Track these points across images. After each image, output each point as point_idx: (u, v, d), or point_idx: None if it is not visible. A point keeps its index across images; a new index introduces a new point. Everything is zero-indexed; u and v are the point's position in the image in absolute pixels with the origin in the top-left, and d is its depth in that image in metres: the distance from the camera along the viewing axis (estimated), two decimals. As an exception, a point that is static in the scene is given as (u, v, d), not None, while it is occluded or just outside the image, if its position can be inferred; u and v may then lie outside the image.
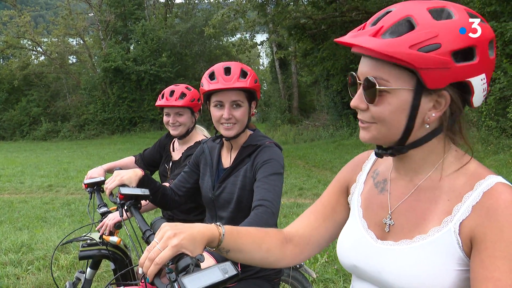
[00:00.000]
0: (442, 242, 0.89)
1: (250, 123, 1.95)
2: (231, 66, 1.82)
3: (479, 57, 0.84)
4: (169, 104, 2.54)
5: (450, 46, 0.83)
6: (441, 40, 0.82)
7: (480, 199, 0.87)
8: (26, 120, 25.89)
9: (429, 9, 0.86)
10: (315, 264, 3.83)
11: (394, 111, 0.89)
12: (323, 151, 13.41)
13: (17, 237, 5.01)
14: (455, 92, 0.87)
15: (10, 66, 26.99)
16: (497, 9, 8.96)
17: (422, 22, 0.84)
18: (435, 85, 0.85)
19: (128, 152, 14.74)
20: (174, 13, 29.55)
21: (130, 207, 1.61)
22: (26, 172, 11.78)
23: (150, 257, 0.91)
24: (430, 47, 0.83)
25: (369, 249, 1.01)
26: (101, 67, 25.30)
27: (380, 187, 1.06)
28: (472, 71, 0.85)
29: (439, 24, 0.84)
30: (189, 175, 2.06)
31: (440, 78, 0.84)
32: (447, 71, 0.83)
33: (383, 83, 0.88)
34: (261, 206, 1.60)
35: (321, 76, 18.52)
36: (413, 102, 0.87)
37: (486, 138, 9.13)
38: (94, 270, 2.38)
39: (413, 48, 0.83)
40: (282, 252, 1.13)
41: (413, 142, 0.93)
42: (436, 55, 0.82)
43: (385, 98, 0.89)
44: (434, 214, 0.92)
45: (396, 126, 0.90)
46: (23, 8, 29.70)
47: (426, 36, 0.83)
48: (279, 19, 15.23)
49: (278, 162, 1.76)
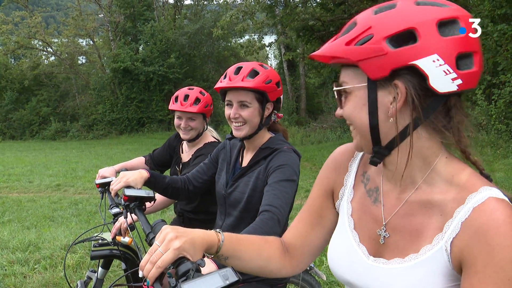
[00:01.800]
0: (433, 261, 0.86)
1: (277, 125, 1.94)
2: (243, 66, 1.81)
3: (422, 39, 0.80)
4: (183, 110, 2.51)
5: (383, 33, 0.82)
6: (373, 31, 0.84)
7: (469, 215, 0.82)
8: (36, 120, 26.11)
9: (376, 8, 0.88)
10: (321, 267, 3.81)
11: (355, 108, 0.91)
12: (330, 153, 13.30)
13: (24, 236, 5.05)
14: (409, 80, 0.83)
15: (21, 66, 27.24)
16: (508, 12, 8.87)
17: (361, 21, 0.87)
18: (377, 75, 0.84)
19: (136, 153, 14.82)
20: (183, 14, 29.65)
21: (135, 209, 1.62)
22: (35, 171, 11.87)
23: (152, 260, 0.90)
24: (363, 39, 0.84)
25: (361, 267, 0.97)
26: (110, 68, 25.44)
27: (374, 197, 1.01)
28: (416, 54, 0.81)
29: (375, 17, 0.85)
30: (208, 167, 2.07)
31: (379, 67, 0.83)
32: (383, 58, 0.82)
33: (344, 84, 0.92)
34: (267, 212, 1.58)
35: (329, 78, 18.47)
36: (369, 96, 0.87)
37: (496, 141, 9.03)
38: (106, 270, 2.40)
39: (349, 44, 0.86)
40: (282, 261, 1.11)
41: (390, 142, 0.90)
42: (369, 45, 0.83)
43: (348, 99, 0.92)
44: (428, 230, 0.88)
45: (362, 124, 0.91)
46: (35, 9, 30.04)
47: (359, 31, 0.86)
48: (288, 20, 15.24)
49: (292, 168, 1.72)
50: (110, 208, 2.22)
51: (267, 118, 1.86)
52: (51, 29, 29.64)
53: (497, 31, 8.72)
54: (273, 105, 1.86)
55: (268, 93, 1.79)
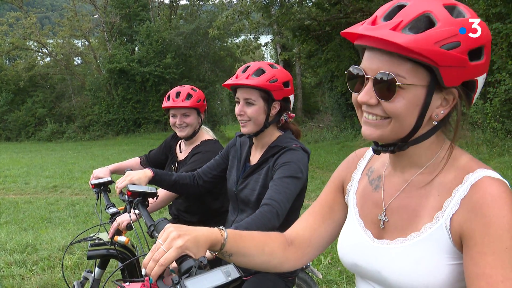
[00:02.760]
0: (435, 238, 0.89)
1: (290, 125, 1.97)
2: (251, 64, 1.86)
3: (485, 56, 0.86)
4: (176, 105, 2.54)
5: (468, 44, 0.83)
6: (460, 38, 0.82)
7: (467, 193, 0.87)
8: (32, 121, 26.02)
9: (445, 6, 0.86)
10: (319, 266, 3.83)
11: (408, 106, 0.88)
12: (327, 153, 13.38)
13: (22, 238, 5.04)
14: (463, 90, 0.88)
15: (16, 68, 27.13)
16: (503, 11, 8.93)
17: (442, 19, 0.84)
18: (451, 83, 0.86)
19: (133, 153, 14.79)
20: (179, 14, 29.62)
21: (138, 204, 1.66)
22: (31, 172, 11.83)
23: (155, 258, 0.91)
24: (452, 44, 0.82)
25: (367, 249, 1.01)
26: (106, 68, 25.37)
27: (375, 184, 1.06)
28: (480, 70, 0.86)
29: (456, 22, 0.84)
30: (218, 163, 2.12)
31: (456, 76, 0.85)
32: (464, 69, 0.84)
33: (399, 78, 0.86)
34: (267, 205, 1.62)
35: (325, 77, 18.49)
36: (425, 98, 0.88)
37: (491, 140, 9.08)
38: (102, 270, 2.40)
39: (437, 45, 0.82)
40: (284, 255, 1.13)
41: (416, 139, 0.93)
42: (457, 53, 0.82)
43: (400, 94, 0.87)
44: (425, 210, 0.92)
45: (408, 122, 0.89)
46: (29, 10, 29.94)
47: (448, 34, 0.82)
48: (284, 20, 15.25)
49: (297, 165, 1.75)
50: (107, 208, 2.22)
51: (275, 117, 1.89)
52: (46, 30, 29.54)
53: (492, 30, 8.76)
54: (280, 104, 1.88)
55: (272, 92, 1.81)
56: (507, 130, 9.03)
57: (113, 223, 2.20)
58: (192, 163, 2.45)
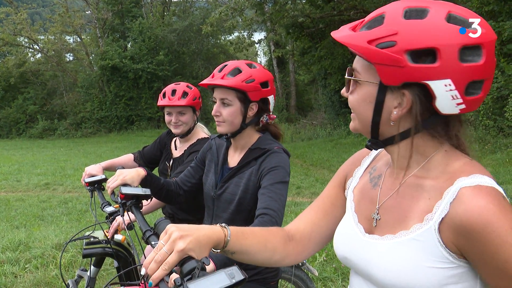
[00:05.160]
0: (423, 239, 0.89)
1: (270, 126, 1.89)
2: (228, 64, 1.79)
3: (441, 61, 0.81)
4: (172, 104, 2.51)
5: (406, 45, 0.82)
6: (398, 38, 0.83)
7: (456, 196, 0.85)
8: (23, 118, 25.71)
9: (407, 8, 0.86)
10: (314, 263, 3.84)
11: (361, 101, 0.93)
12: (320, 150, 13.41)
13: (14, 236, 4.99)
14: (416, 93, 0.86)
15: (7, 64, 26.76)
16: (495, 9, 8.99)
17: (389, 20, 0.85)
18: (389, 82, 0.86)
19: (126, 150, 14.71)
20: (172, 11, 29.43)
21: (131, 207, 1.59)
22: (23, 170, 11.72)
23: (157, 259, 0.89)
24: (386, 43, 0.84)
25: (357, 242, 1.02)
26: (98, 65, 25.15)
27: (374, 182, 1.07)
28: (431, 74, 0.82)
29: (403, 22, 0.84)
30: (195, 170, 2.03)
31: (393, 76, 0.84)
32: (400, 69, 0.83)
33: (356, 74, 0.93)
34: (266, 215, 1.57)
35: (319, 75, 18.50)
36: (377, 96, 0.90)
37: (483, 137, 9.16)
38: (98, 268, 2.37)
39: (371, 43, 0.85)
40: (285, 250, 1.13)
41: (386, 139, 0.95)
42: (390, 52, 0.83)
43: (357, 89, 0.94)
44: (416, 211, 0.92)
45: (365, 117, 0.94)
46: (20, 5, 29.52)
47: (384, 33, 0.84)
48: (277, 17, 15.22)
49: (284, 169, 1.72)
50: (103, 207, 2.19)
51: (253, 118, 1.81)
52: (37, 26, 29.15)
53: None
54: (257, 106, 1.80)
55: (248, 93, 1.73)
56: (499, 127, 9.11)
57: (112, 222, 2.18)
58: (189, 163, 2.42)
